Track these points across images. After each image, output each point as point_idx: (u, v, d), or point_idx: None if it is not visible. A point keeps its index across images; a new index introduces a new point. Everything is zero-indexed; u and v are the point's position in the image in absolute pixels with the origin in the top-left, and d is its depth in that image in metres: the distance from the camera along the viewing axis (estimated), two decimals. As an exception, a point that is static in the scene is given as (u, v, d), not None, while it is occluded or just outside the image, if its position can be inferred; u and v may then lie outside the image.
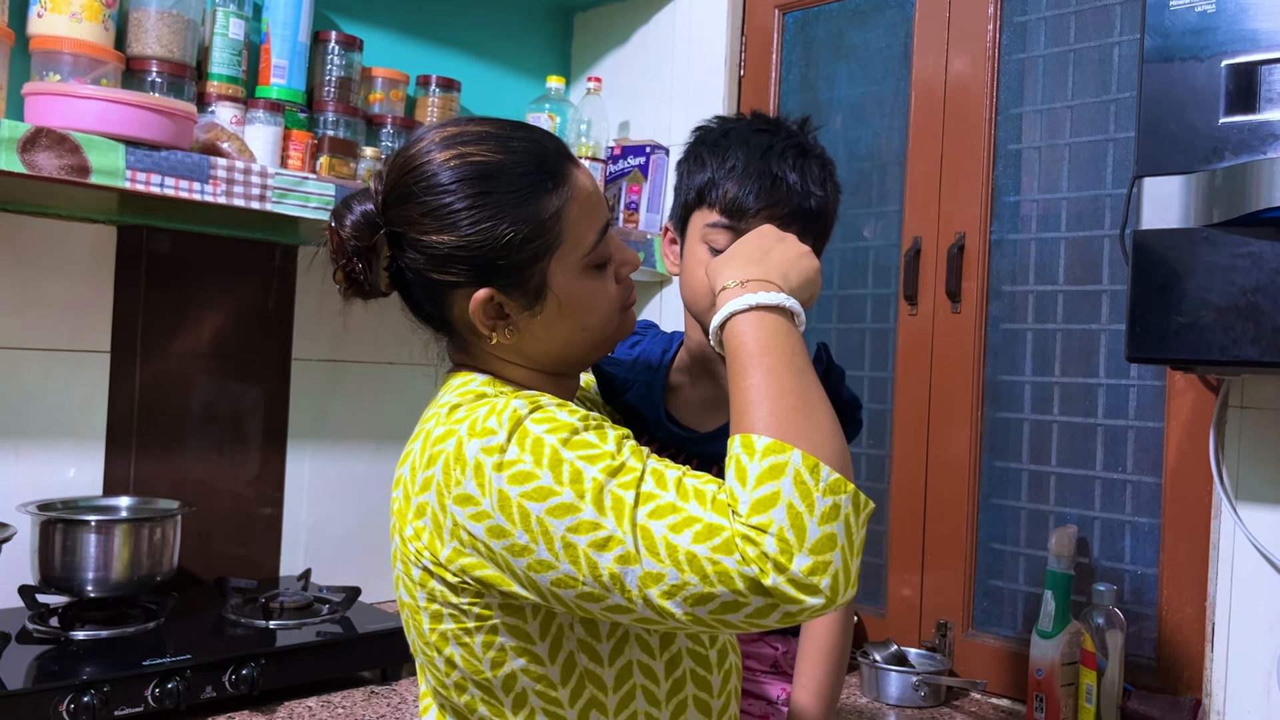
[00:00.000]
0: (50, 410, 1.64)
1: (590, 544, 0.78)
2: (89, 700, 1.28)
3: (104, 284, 1.69)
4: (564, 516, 0.79)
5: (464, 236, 0.89)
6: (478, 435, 0.83)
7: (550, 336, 0.94)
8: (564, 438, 0.82)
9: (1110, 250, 1.60)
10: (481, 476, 0.82)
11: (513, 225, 0.89)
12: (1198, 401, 1.49)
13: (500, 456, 0.82)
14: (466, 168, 0.90)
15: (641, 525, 0.78)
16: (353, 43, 1.85)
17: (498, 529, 0.81)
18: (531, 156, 0.92)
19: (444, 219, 0.89)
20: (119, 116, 1.37)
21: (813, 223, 1.07)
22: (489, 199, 0.89)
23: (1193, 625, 1.49)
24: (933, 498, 1.77)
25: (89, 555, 1.49)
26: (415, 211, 0.90)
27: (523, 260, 0.90)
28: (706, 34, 2.10)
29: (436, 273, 0.91)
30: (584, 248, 0.93)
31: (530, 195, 0.90)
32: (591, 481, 0.79)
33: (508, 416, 0.83)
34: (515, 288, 0.91)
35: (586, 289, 0.94)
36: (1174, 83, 1.22)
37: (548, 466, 0.80)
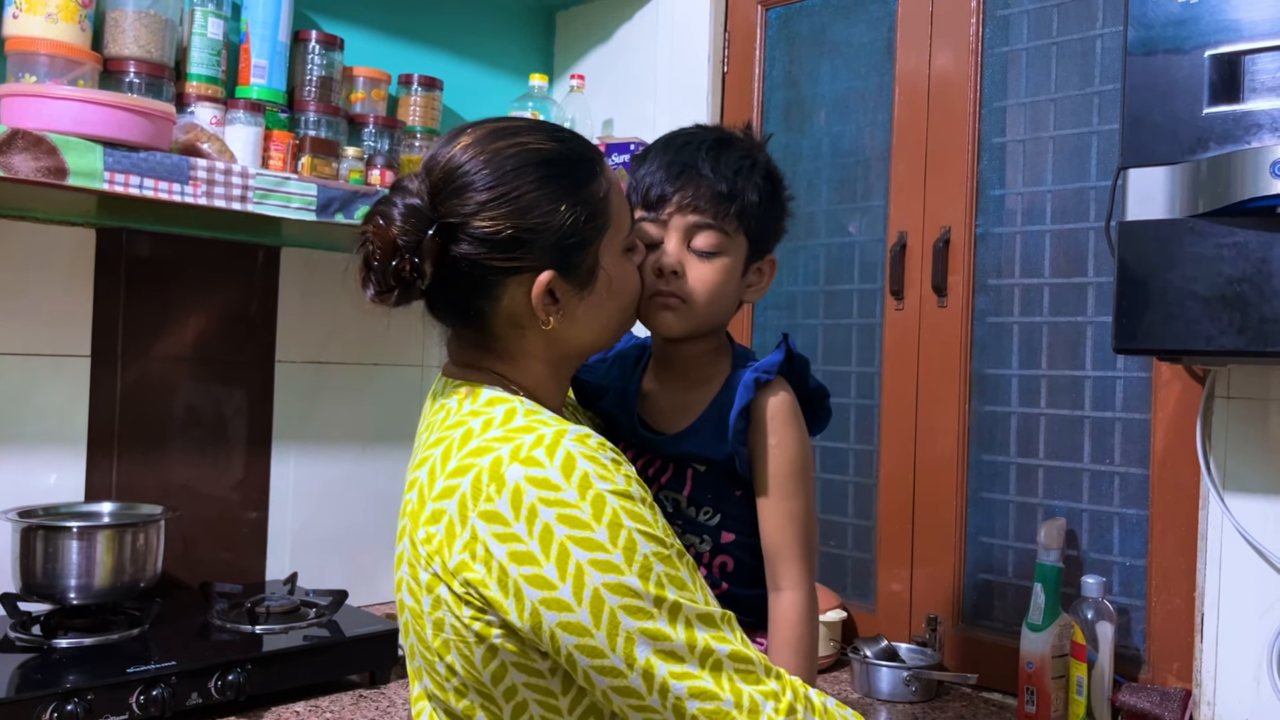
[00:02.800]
0: (30, 416, 1.63)
1: (622, 606, 0.84)
2: (73, 709, 1.26)
3: (83, 287, 1.67)
4: (607, 573, 0.84)
5: (533, 219, 0.91)
6: (522, 462, 0.85)
7: (594, 319, 0.98)
8: (625, 504, 0.87)
9: (1096, 242, 1.60)
10: (520, 502, 0.84)
11: (575, 207, 0.93)
12: (1184, 392, 1.49)
13: (552, 493, 0.85)
14: (527, 154, 0.93)
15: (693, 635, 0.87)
16: (333, 42, 1.84)
17: (527, 555, 0.84)
18: (578, 144, 0.98)
19: (513, 203, 0.91)
20: (96, 117, 1.35)
21: (724, 206, 1.05)
22: (555, 182, 0.93)
23: (1182, 616, 1.49)
24: (921, 492, 1.76)
25: (71, 562, 1.47)
26: (477, 199, 0.91)
27: (581, 241, 0.94)
28: (689, 30, 2.10)
29: (502, 260, 0.91)
30: (625, 229, 0.99)
31: (586, 179, 0.95)
32: (642, 556, 0.85)
33: (561, 455, 0.86)
34: (571, 270, 0.94)
35: (627, 270, 1.00)
36: (1157, 74, 1.22)
37: (606, 525, 0.85)
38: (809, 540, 1.07)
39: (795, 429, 1.06)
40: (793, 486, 1.06)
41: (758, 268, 1.11)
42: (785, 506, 1.05)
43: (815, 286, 1.96)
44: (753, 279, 1.12)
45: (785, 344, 1.09)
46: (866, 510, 1.87)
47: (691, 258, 1.06)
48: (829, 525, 1.92)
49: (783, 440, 1.05)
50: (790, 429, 1.06)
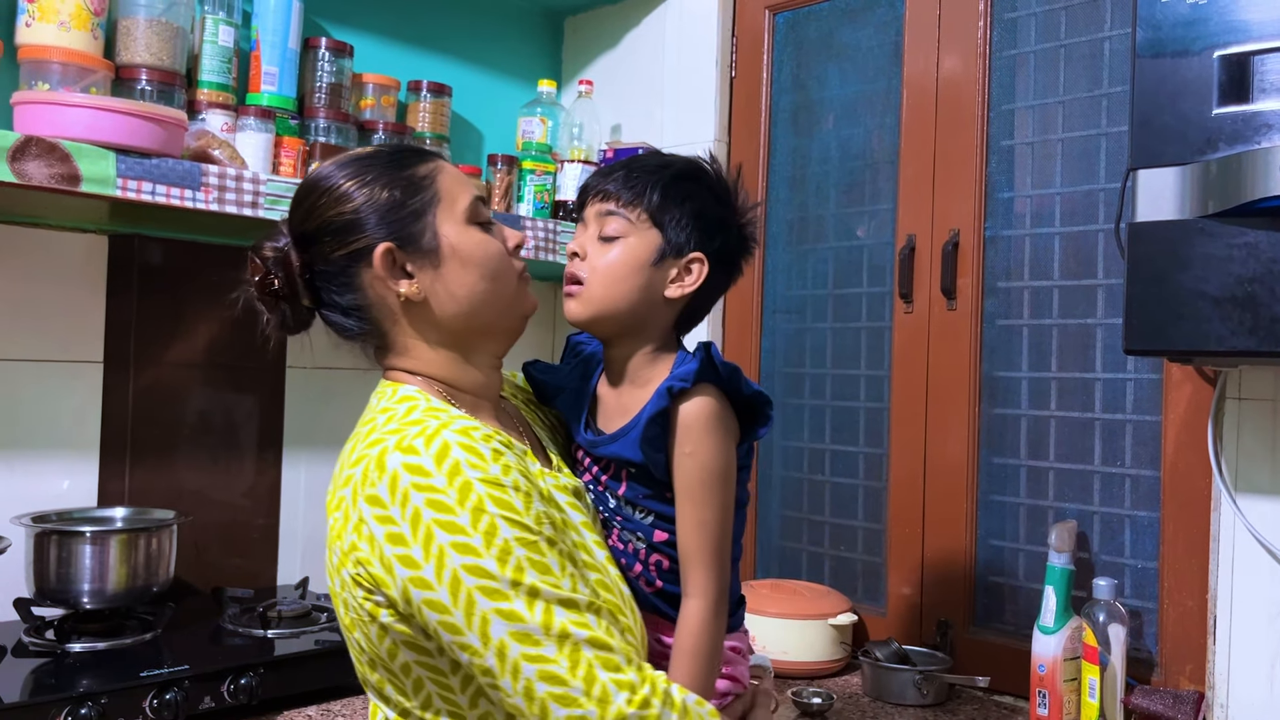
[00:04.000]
0: (43, 422, 1.63)
1: (479, 587, 0.89)
2: (87, 713, 1.26)
3: (96, 294, 1.68)
4: (465, 555, 0.89)
5: (359, 201, 1.01)
6: (402, 450, 0.92)
7: (458, 289, 1.03)
8: (492, 491, 0.91)
9: (1105, 244, 1.60)
10: (396, 487, 0.91)
11: (392, 184, 1.02)
12: (1195, 394, 1.49)
13: (424, 479, 0.91)
14: (347, 159, 1.06)
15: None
16: (343, 49, 1.84)
17: (399, 537, 0.90)
18: (399, 148, 1.09)
19: (337, 195, 1.02)
20: (109, 125, 1.36)
21: (629, 194, 1.10)
22: (369, 171, 1.03)
23: (1194, 618, 1.49)
24: (931, 495, 1.76)
25: (84, 567, 1.47)
26: (313, 204, 1.03)
27: (409, 215, 1.02)
28: (697, 36, 2.10)
29: (341, 247, 1.01)
30: (462, 204, 1.04)
31: (402, 165, 1.04)
32: (503, 540, 0.90)
33: (438, 444, 0.92)
34: (410, 242, 1.02)
35: (475, 238, 1.05)
36: (1167, 75, 1.22)
37: (469, 510, 0.90)
38: (719, 549, 1.06)
39: (712, 438, 1.06)
40: (704, 496, 1.06)
41: (683, 265, 1.11)
42: (696, 515, 1.06)
43: (824, 290, 1.96)
44: (674, 274, 1.11)
45: (705, 353, 1.08)
46: (877, 514, 1.86)
47: (597, 244, 1.10)
48: (839, 529, 1.92)
49: (697, 449, 1.05)
50: (707, 438, 1.05)
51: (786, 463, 2.02)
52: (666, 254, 1.10)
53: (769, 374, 2.04)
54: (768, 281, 2.04)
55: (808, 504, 1.97)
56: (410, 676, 0.96)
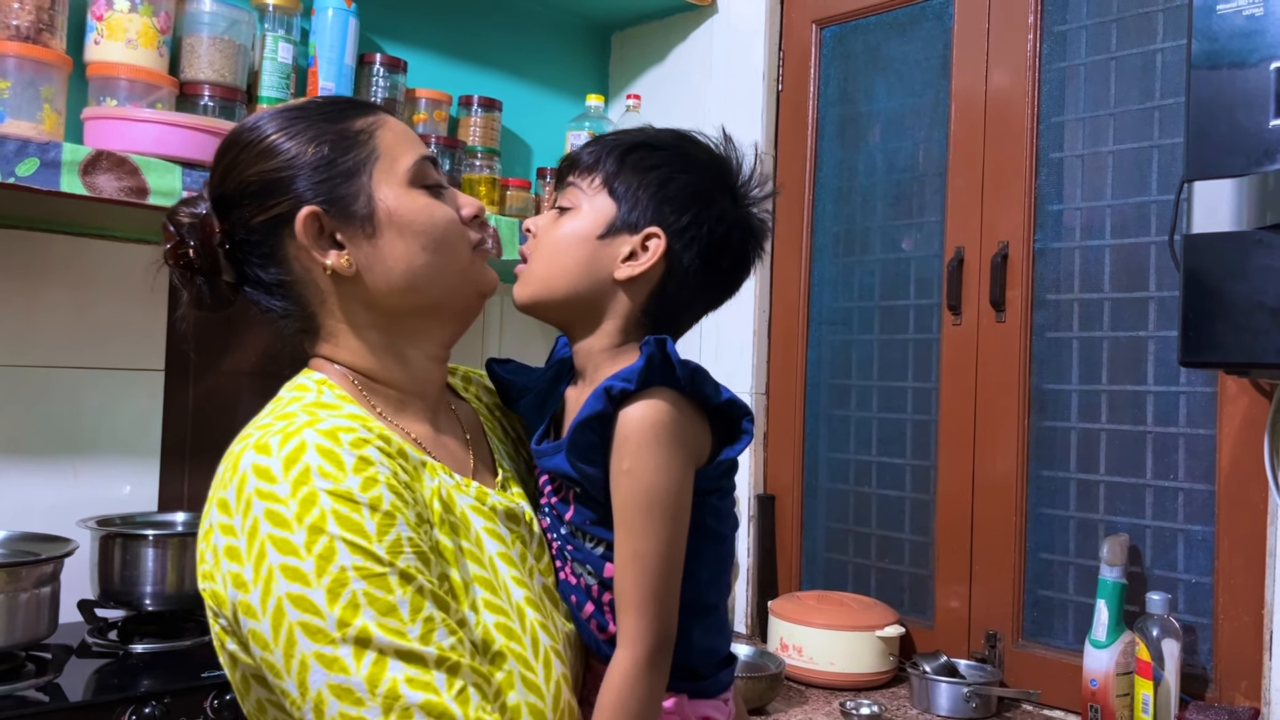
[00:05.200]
0: (106, 428, 1.68)
1: (301, 624, 0.75)
2: (150, 712, 1.29)
3: (158, 303, 1.72)
4: (293, 581, 0.75)
5: (277, 159, 0.88)
6: (256, 449, 0.80)
7: (394, 261, 0.89)
8: (339, 508, 0.77)
9: (1157, 256, 1.60)
10: (242, 491, 0.78)
11: (321, 138, 0.88)
12: (1250, 407, 1.48)
13: (268, 485, 0.78)
14: (276, 109, 0.93)
15: (359, 640, 0.75)
16: (397, 64, 1.88)
17: (234, 551, 0.77)
18: (337, 98, 0.96)
19: (258, 150, 0.89)
20: (176, 139, 1.40)
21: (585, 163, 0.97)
22: (297, 123, 0.90)
23: (1250, 634, 1.47)
24: (980, 508, 1.76)
25: (147, 569, 1.51)
26: (232, 161, 0.90)
27: (340, 174, 0.88)
28: (744, 50, 2.12)
29: (261, 212, 0.88)
30: (404, 164, 0.90)
31: (337, 117, 0.90)
32: (339, 569, 0.75)
33: (293, 445, 0.79)
34: (339, 206, 0.88)
35: (418, 203, 0.90)
36: (1223, 86, 1.22)
37: (306, 528, 0.76)
38: (658, 590, 0.86)
39: (654, 453, 0.86)
40: (641, 523, 0.86)
41: (638, 242, 0.93)
42: (631, 545, 0.86)
43: (871, 302, 1.97)
44: (626, 252, 0.94)
45: (654, 347, 0.88)
46: (924, 526, 1.86)
47: (550, 217, 0.97)
48: (886, 541, 1.92)
49: (635, 466, 0.86)
50: (648, 453, 0.86)
51: (833, 475, 2.02)
52: (617, 227, 0.94)
53: (815, 385, 2.05)
54: (814, 293, 2.05)
55: (854, 516, 1.97)
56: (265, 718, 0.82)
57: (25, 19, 1.39)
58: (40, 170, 1.28)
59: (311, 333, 0.93)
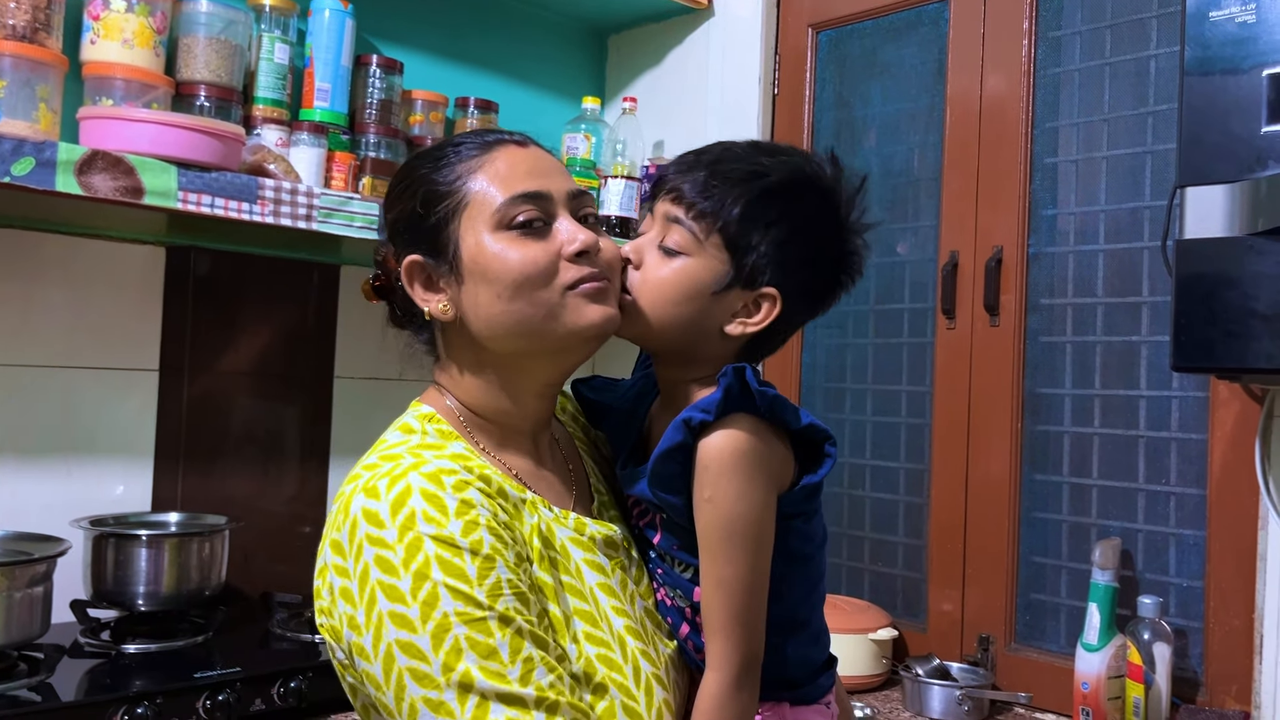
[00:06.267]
0: (101, 428, 1.68)
1: (409, 670, 0.79)
2: (142, 712, 1.29)
3: (153, 303, 1.72)
4: (401, 628, 0.79)
5: (394, 209, 0.96)
6: (365, 493, 0.83)
7: (482, 308, 0.91)
8: (442, 553, 0.80)
9: (1150, 262, 1.60)
10: (354, 536, 0.82)
11: (422, 189, 0.93)
12: (1242, 412, 1.48)
13: (378, 530, 0.81)
14: (416, 155, 1.00)
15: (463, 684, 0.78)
16: (393, 66, 1.88)
17: (348, 593, 0.82)
18: (463, 139, 0.96)
19: (391, 195, 0.97)
20: (171, 139, 1.40)
21: (701, 204, 0.92)
22: (410, 172, 0.96)
23: (1240, 638, 1.48)
24: (973, 512, 1.76)
25: (140, 569, 1.51)
26: (385, 203, 0.99)
27: (435, 224, 0.92)
28: (740, 53, 2.12)
29: (393, 257, 0.95)
30: (491, 207, 0.91)
31: (442, 164, 0.94)
32: (442, 614, 0.79)
33: (399, 489, 0.82)
34: (434, 253, 0.92)
35: (494, 248, 0.90)
36: (1215, 93, 1.23)
37: (412, 574, 0.79)
38: (742, 615, 0.88)
39: (734, 482, 0.87)
40: (725, 550, 0.88)
41: (752, 299, 0.93)
42: (715, 571, 0.89)
43: (865, 306, 1.97)
44: (739, 309, 0.93)
45: (733, 378, 0.88)
46: (918, 529, 1.86)
47: (656, 252, 0.94)
48: (879, 544, 1.93)
49: (716, 495, 0.87)
50: (729, 482, 0.87)
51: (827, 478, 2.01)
52: (733, 284, 0.92)
53: (810, 389, 2.05)
54: (809, 297, 2.05)
55: (848, 519, 1.98)
56: None
57: (21, 18, 1.39)
58: (36, 170, 1.28)
59: (437, 360, 0.99)
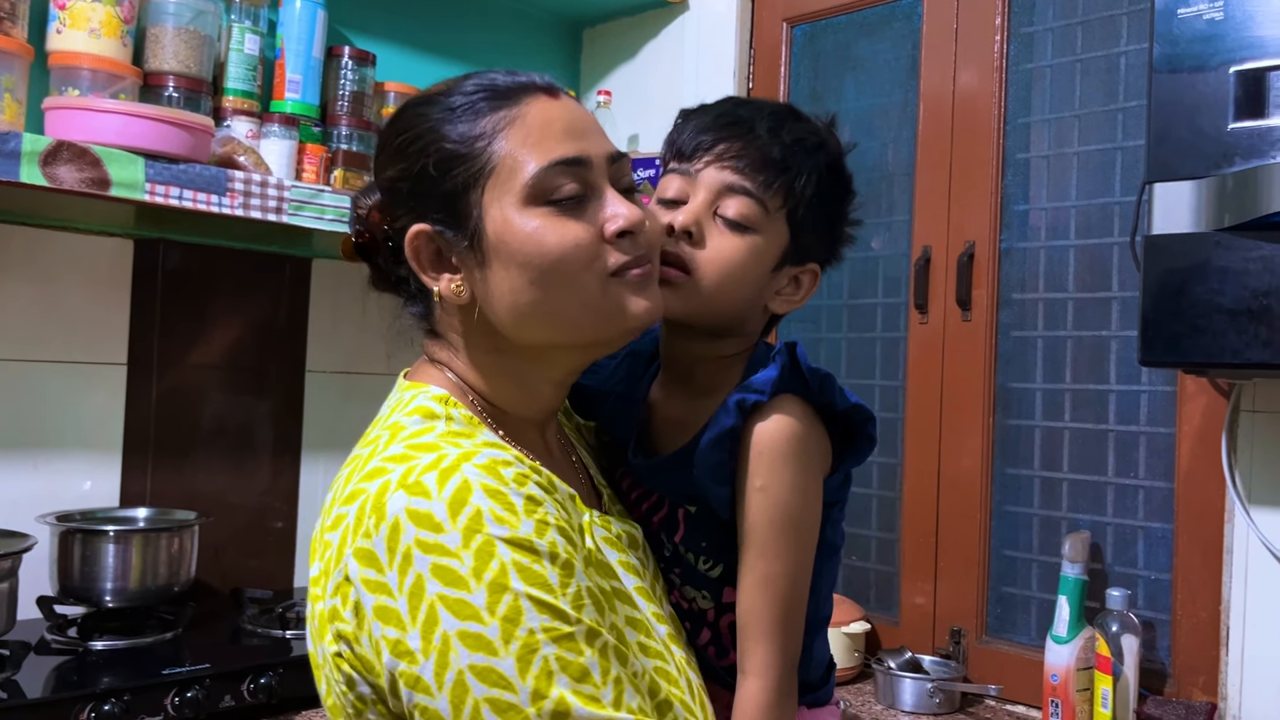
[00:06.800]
0: (68, 422, 1.66)
1: (489, 700, 0.66)
2: (110, 709, 1.28)
3: (121, 297, 1.70)
4: (476, 651, 0.67)
5: (400, 166, 0.81)
6: (409, 490, 0.70)
7: (502, 294, 0.78)
8: (520, 559, 0.68)
9: (1120, 257, 1.61)
10: (396, 542, 0.68)
11: (436, 146, 0.79)
12: (1209, 406, 1.50)
13: (433, 535, 0.68)
14: (418, 98, 0.83)
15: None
16: (365, 58, 1.87)
17: (393, 614, 0.68)
18: (480, 84, 0.81)
19: (391, 149, 0.82)
20: (139, 130, 1.38)
21: (771, 174, 0.86)
22: (420, 121, 0.80)
23: (1207, 629, 1.49)
24: (945, 505, 1.77)
25: (107, 565, 1.49)
26: (375, 157, 0.85)
27: (451, 190, 0.78)
28: (715, 47, 2.12)
29: (390, 220, 0.82)
30: (522, 175, 0.77)
31: (461, 117, 0.79)
32: (527, 632, 0.67)
33: (455, 484, 0.69)
34: (453, 224, 0.78)
35: (526, 227, 0.77)
36: (1183, 89, 1.23)
37: (486, 585, 0.67)
38: (788, 615, 0.83)
39: (791, 470, 0.82)
40: (776, 544, 0.82)
41: (796, 275, 0.90)
42: (761, 568, 0.82)
43: (839, 300, 1.98)
44: (785, 286, 0.90)
45: (788, 356, 0.84)
46: (890, 523, 1.87)
47: (714, 225, 0.85)
48: (852, 538, 1.93)
49: (770, 483, 0.82)
50: (784, 469, 0.82)
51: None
52: (786, 260, 0.88)
53: (783, 383, 2.05)
54: (783, 291, 2.06)
55: (821, 513, 1.98)
56: None
57: (-15, 7, 1.37)
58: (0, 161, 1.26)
59: (434, 337, 0.86)
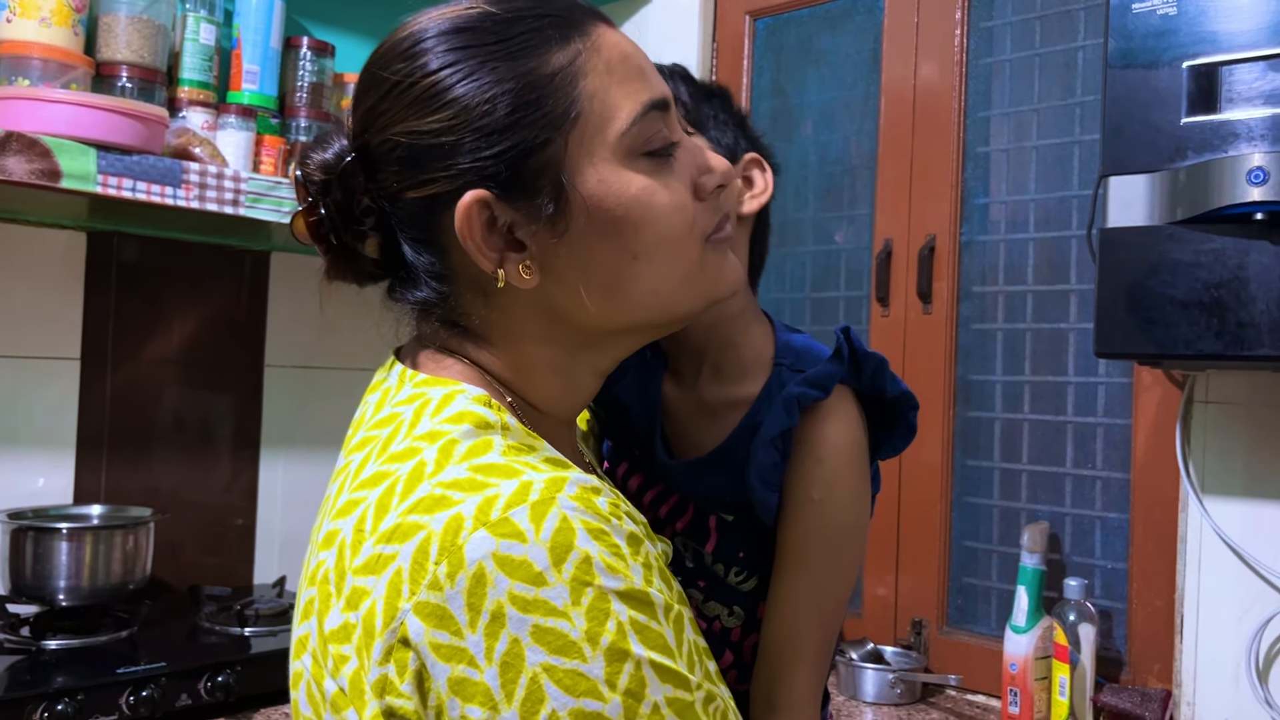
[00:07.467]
0: (19, 418, 1.63)
1: None
2: (63, 709, 1.26)
3: (74, 290, 1.68)
4: None
5: (436, 116, 0.61)
6: (493, 530, 0.54)
7: (592, 269, 0.63)
8: (638, 617, 0.55)
9: (1078, 250, 1.63)
10: (481, 597, 0.53)
11: (501, 84, 0.61)
12: (1164, 397, 1.52)
13: (533, 589, 0.54)
14: (443, 24, 0.64)
15: None
16: (324, 48, 1.85)
17: (479, 689, 0.54)
18: (533, 6, 0.64)
19: (412, 93, 0.62)
20: (90, 121, 1.36)
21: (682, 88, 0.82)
22: (465, 54, 0.62)
23: (1162, 618, 1.51)
24: (906, 497, 1.78)
25: (61, 563, 1.47)
26: (375, 105, 0.64)
27: (521, 144, 0.61)
28: (677, 40, 2.12)
29: (413, 187, 0.63)
30: (618, 124, 0.63)
31: (523, 48, 0.62)
32: (651, 708, 0.54)
33: (554, 524, 0.55)
34: (519, 190, 0.61)
35: (633, 186, 0.63)
36: (1137, 84, 1.25)
37: (604, 651, 0.54)
38: (830, 639, 0.73)
39: (853, 478, 0.73)
40: (829, 562, 0.72)
41: (745, 169, 0.83)
42: (809, 588, 0.71)
43: (801, 294, 1.98)
44: (740, 186, 0.82)
45: (847, 344, 0.75)
46: (852, 515, 1.88)
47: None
48: (815, 530, 1.94)
49: (830, 495, 0.72)
50: (847, 478, 0.73)
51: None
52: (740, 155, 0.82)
53: (747, 376, 2.06)
54: (746, 284, 2.06)
55: (784, 505, 1.99)
56: None
57: (-71, -6, 1.34)
58: (-55, 151, 1.24)
59: (456, 329, 0.67)
